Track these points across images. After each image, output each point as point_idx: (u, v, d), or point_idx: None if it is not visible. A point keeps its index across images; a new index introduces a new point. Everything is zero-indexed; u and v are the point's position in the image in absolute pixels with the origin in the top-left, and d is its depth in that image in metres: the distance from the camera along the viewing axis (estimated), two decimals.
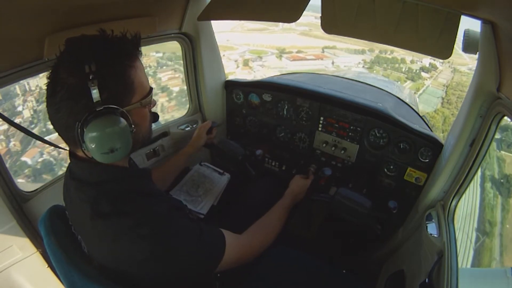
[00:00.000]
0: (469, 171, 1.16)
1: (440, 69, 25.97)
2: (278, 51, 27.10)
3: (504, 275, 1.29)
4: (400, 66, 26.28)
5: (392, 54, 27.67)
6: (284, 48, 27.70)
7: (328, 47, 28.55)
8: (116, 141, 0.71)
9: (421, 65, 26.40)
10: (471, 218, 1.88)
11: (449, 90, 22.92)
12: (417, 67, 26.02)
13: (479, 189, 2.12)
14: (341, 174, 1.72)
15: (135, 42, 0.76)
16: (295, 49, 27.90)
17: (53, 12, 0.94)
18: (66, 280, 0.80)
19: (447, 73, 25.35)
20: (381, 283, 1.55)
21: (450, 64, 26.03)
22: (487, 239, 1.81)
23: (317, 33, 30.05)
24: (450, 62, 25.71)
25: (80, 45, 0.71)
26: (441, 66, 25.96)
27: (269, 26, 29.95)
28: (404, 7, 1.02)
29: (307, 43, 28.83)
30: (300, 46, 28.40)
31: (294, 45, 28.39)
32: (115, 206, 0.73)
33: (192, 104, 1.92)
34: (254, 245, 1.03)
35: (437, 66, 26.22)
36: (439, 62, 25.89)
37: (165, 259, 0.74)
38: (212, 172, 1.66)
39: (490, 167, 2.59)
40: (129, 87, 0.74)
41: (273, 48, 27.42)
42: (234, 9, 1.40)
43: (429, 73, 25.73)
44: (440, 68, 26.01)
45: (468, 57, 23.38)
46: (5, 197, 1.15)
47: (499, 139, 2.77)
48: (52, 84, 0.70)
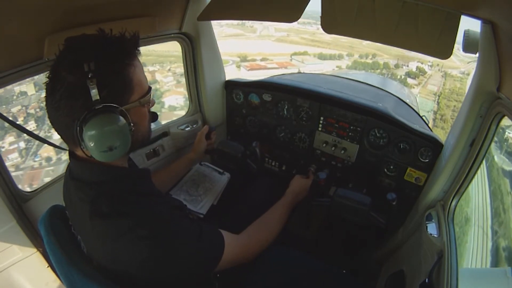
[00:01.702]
0: (469, 171, 1.16)
1: (429, 73, 23.13)
2: (240, 59, 25.23)
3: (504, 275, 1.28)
4: (383, 72, 23.56)
5: (374, 58, 25.34)
6: (246, 56, 25.85)
7: (298, 53, 26.90)
8: (115, 139, 0.71)
9: (407, 69, 23.59)
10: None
11: (442, 100, 20.11)
12: (403, 72, 23.39)
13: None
14: (341, 174, 1.72)
15: (134, 41, 0.76)
16: (260, 57, 25.95)
17: (53, 12, 0.94)
18: (66, 280, 0.80)
19: (437, 78, 22.53)
20: (381, 283, 1.55)
21: (440, 68, 23.35)
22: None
23: (293, 39, 29.13)
24: (439, 66, 23.15)
25: (79, 44, 0.72)
26: (430, 70, 23.28)
27: (245, 32, 28.85)
28: (404, 7, 1.02)
29: (280, 50, 27.21)
30: (267, 53, 26.73)
31: (261, 52, 26.56)
32: (114, 206, 0.74)
33: (192, 104, 1.92)
34: (253, 244, 1.04)
35: (426, 71, 23.36)
36: (427, 66, 23.13)
37: (164, 260, 0.74)
38: (212, 172, 1.66)
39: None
40: (128, 86, 0.74)
41: (237, 55, 25.55)
42: (234, 9, 1.40)
43: (417, 79, 22.70)
44: (429, 72, 23.21)
45: (458, 60, 20.84)
46: (5, 197, 1.15)
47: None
48: (51, 82, 0.70)
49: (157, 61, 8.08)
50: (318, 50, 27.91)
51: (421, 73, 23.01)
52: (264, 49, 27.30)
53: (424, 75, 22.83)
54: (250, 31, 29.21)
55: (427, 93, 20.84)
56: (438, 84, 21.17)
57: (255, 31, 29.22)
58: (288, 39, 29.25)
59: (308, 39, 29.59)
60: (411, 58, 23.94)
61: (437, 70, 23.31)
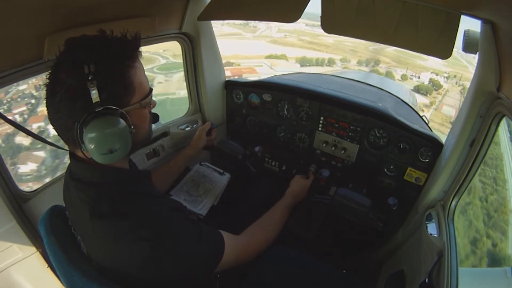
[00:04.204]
0: (469, 171, 1.16)
1: (445, 87, 16.44)
2: None
3: (504, 275, 1.29)
4: None
5: (376, 66, 20.13)
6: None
7: (274, 56, 23.49)
8: (115, 142, 0.70)
9: (417, 82, 16.81)
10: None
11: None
12: (411, 86, 15.83)
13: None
14: (341, 174, 1.72)
15: (135, 42, 0.75)
16: (234, 60, 22.53)
17: (53, 12, 0.94)
18: (66, 280, 0.80)
19: (455, 96, 15.56)
20: (381, 283, 1.55)
21: (458, 80, 16.83)
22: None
23: (289, 40, 26.58)
24: (457, 77, 17.05)
25: (79, 45, 0.71)
26: (445, 83, 16.77)
27: (244, 32, 26.94)
28: (404, 7, 1.02)
29: (263, 52, 24.13)
30: (243, 55, 23.72)
31: (237, 55, 23.51)
32: (114, 207, 0.73)
33: (192, 104, 1.92)
34: (253, 245, 1.03)
35: (441, 84, 16.40)
36: (443, 78, 16.99)
37: (164, 261, 0.74)
38: (212, 172, 1.66)
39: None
40: (128, 88, 0.74)
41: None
42: (234, 9, 1.41)
43: (428, 96, 15.72)
44: (445, 86, 16.48)
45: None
46: (5, 197, 1.15)
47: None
48: (51, 84, 0.70)
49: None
50: (310, 54, 25.19)
51: (435, 87, 16.48)
52: (244, 51, 24.28)
53: (439, 91, 16.31)
54: (251, 31, 27.78)
55: (442, 120, 13.72)
56: (457, 105, 14.49)
57: (256, 31, 27.80)
58: (282, 41, 27.33)
59: (305, 41, 27.58)
60: (423, 68, 18.70)
61: (454, 83, 17.02)
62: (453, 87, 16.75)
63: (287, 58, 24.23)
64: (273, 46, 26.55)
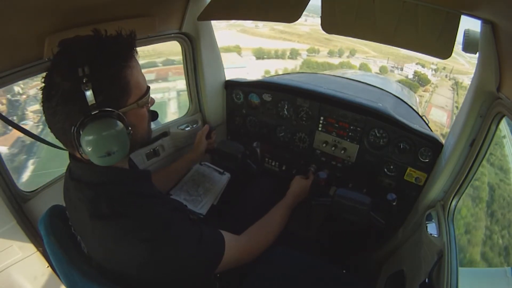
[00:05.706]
0: (469, 171, 1.16)
1: (433, 82, 14.28)
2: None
3: (504, 275, 1.29)
4: None
5: (352, 56, 16.86)
6: (161, 53, 19.40)
7: (226, 48, 20.38)
8: (113, 144, 0.70)
9: (399, 76, 14.02)
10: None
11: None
12: (393, 79, 11.00)
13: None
14: (341, 174, 1.72)
15: (130, 41, 0.74)
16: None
17: (53, 12, 0.94)
18: (67, 280, 0.80)
19: (445, 92, 13.48)
20: (381, 283, 1.55)
21: (448, 74, 14.79)
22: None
23: (258, 30, 24.82)
24: (446, 69, 14.97)
25: (73, 47, 0.70)
26: (433, 77, 14.55)
27: (217, 22, 26.47)
28: (404, 7, 1.01)
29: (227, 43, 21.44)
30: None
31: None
32: (114, 208, 0.73)
33: (192, 104, 1.92)
34: (253, 245, 1.03)
35: (428, 78, 14.10)
36: (430, 70, 15.18)
37: (165, 262, 0.74)
38: (212, 172, 1.66)
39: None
40: (125, 89, 0.72)
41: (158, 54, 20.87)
42: (234, 9, 1.41)
43: (417, 91, 13.24)
44: (433, 80, 14.31)
45: (467, 62, 14.21)
46: (5, 197, 1.15)
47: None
48: (47, 88, 0.69)
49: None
50: (280, 45, 23.11)
51: (421, 82, 13.86)
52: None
53: (426, 87, 13.86)
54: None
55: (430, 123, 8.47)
56: (449, 106, 11.20)
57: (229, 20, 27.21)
58: (251, 31, 25.52)
59: (277, 31, 25.74)
60: (407, 58, 16.56)
61: (444, 77, 14.75)
62: (442, 81, 14.25)
63: (240, 50, 21.44)
64: (243, 36, 24.78)
